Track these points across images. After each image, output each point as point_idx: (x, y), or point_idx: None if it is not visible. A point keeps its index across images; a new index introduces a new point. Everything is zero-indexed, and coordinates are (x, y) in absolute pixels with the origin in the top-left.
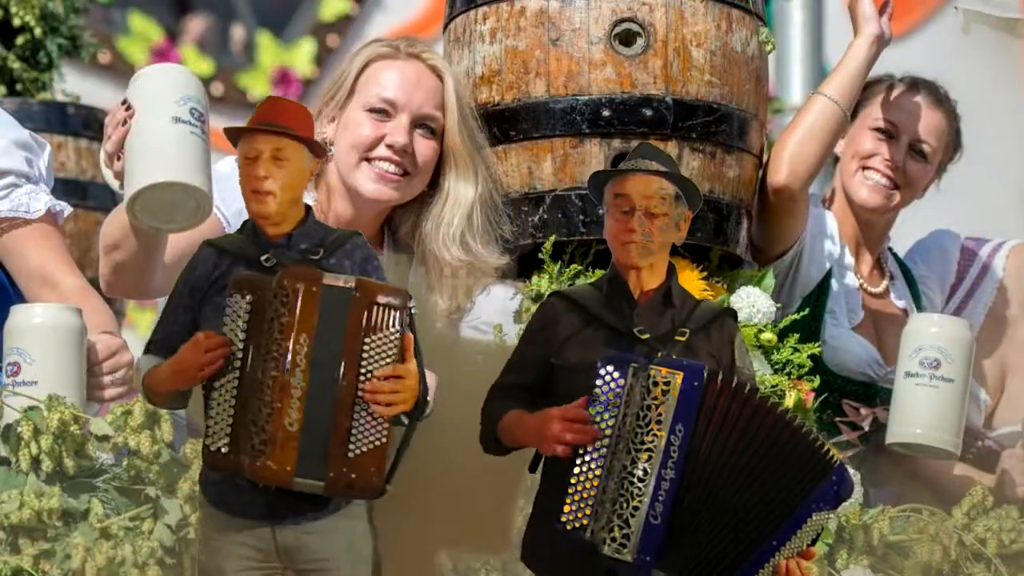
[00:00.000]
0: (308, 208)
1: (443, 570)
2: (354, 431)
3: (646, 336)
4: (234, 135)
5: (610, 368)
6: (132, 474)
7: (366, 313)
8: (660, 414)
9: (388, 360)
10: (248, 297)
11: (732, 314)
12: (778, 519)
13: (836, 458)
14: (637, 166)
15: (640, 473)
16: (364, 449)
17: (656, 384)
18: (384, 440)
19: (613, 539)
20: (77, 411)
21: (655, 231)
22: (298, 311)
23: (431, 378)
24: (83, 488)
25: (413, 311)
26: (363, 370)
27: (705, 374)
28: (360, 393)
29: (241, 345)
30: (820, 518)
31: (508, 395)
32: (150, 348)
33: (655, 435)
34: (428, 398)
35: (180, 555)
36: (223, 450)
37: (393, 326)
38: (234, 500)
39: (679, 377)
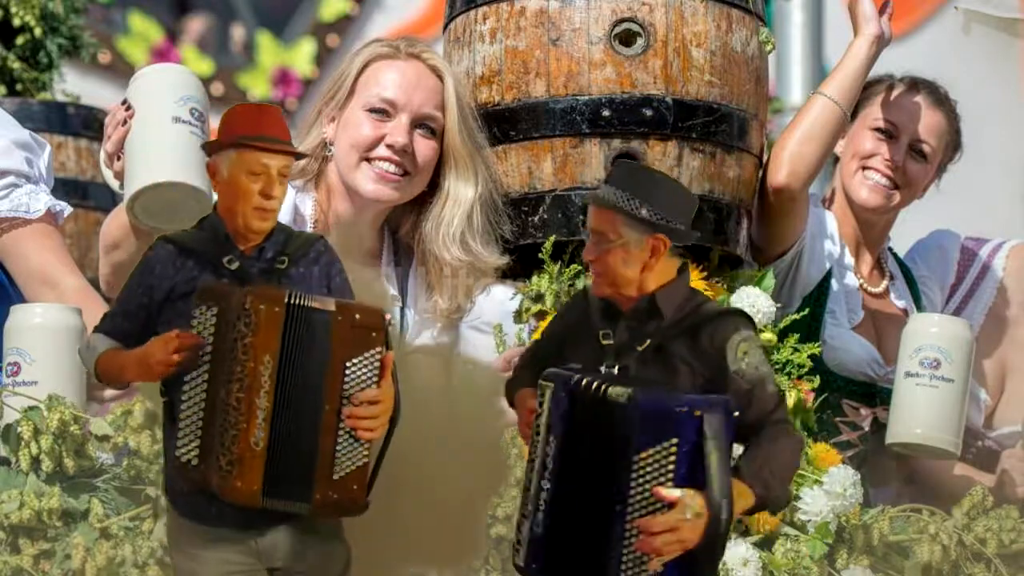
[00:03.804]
0: None
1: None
2: (338, 454)
3: (607, 343)
4: (252, 149)
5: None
6: (132, 474)
7: (348, 336)
8: (538, 424)
9: (369, 382)
10: (214, 309)
11: (737, 314)
12: (611, 485)
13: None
14: (593, 196)
15: (527, 483)
16: (349, 470)
17: (539, 395)
18: (366, 459)
19: (514, 544)
20: (77, 411)
21: (605, 259)
22: (262, 332)
23: None
24: (83, 488)
25: (391, 327)
26: (345, 393)
27: (572, 382)
28: (342, 417)
29: (208, 357)
30: (648, 456)
31: (524, 366)
32: (101, 329)
33: (535, 445)
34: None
35: (169, 554)
36: (192, 462)
37: (373, 348)
38: (205, 512)
39: (551, 387)
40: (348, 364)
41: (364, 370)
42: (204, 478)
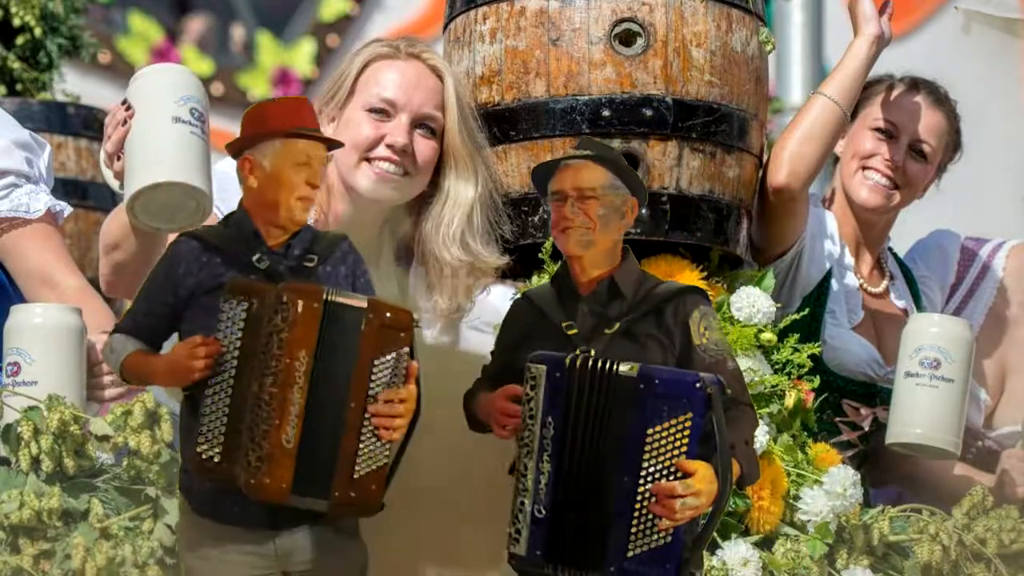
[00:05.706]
0: None
1: None
2: (360, 453)
3: (573, 332)
4: (321, 139)
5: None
6: (132, 474)
7: (378, 335)
8: (532, 408)
9: (394, 381)
10: (244, 304)
11: (696, 291)
12: (620, 459)
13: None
14: (584, 146)
15: (522, 469)
16: (369, 470)
17: (528, 379)
18: (387, 460)
19: (511, 535)
20: (77, 411)
21: (593, 215)
22: (299, 327)
23: None
24: (83, 488)
25: (417, 328)
26: (371, 392)
27: (567, 362)
28: (367, 415)
29: (236, 353)
30: (662, 429)
31: (482, 380)
32: (123, 329)
33: (530, 430)
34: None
35: (180, 555)
36: (215, 459)
37: (401, 347)
38: (225, 510)
39: (543, 369)
40: (375, 363)
41: (390, 369)
42: (229, 475)
